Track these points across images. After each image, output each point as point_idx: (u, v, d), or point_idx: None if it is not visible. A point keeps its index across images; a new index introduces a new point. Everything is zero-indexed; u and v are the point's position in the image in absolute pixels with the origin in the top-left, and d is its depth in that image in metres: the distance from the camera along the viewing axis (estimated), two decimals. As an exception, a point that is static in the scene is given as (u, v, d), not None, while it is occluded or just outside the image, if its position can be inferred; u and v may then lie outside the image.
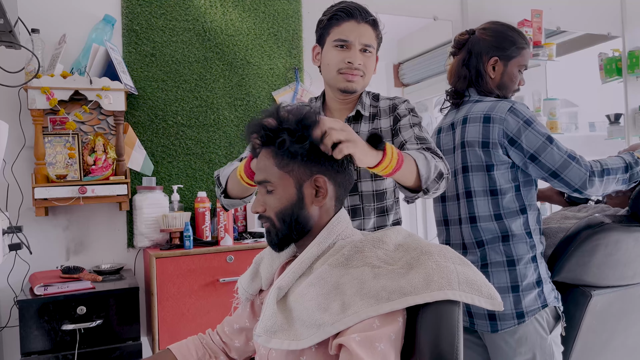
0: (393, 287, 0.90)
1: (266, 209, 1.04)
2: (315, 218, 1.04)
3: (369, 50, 1.38)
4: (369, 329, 0.86)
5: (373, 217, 1.44)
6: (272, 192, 1.03)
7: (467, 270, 0.93)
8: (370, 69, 1.41)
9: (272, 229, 1.04)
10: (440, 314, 0.90)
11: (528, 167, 1.50)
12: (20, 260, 2.19)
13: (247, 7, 2.64)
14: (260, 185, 1.05)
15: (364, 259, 0.96)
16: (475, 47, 1.64)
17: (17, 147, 2.22)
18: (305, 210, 1.02)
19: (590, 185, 1.47)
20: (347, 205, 1.44)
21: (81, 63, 2.23)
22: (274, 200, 1.02)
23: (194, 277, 2.16)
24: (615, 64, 3.45)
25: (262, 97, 2.67)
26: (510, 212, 1.53)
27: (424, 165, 1.16)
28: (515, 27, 1.68)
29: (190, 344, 1.22)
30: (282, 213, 1.02)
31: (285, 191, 1.02)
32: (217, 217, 2.31)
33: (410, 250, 0.98)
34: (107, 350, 1.94)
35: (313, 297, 0.93)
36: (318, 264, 1.00)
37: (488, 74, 1.63)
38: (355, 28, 1.37)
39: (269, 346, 0.95)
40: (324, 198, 1.03)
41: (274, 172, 1.02)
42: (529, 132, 1.48)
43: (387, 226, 1.44)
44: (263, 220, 1.06)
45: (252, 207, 1.06)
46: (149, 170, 2.41)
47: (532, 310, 1.49)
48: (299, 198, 1.02)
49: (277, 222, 1.03)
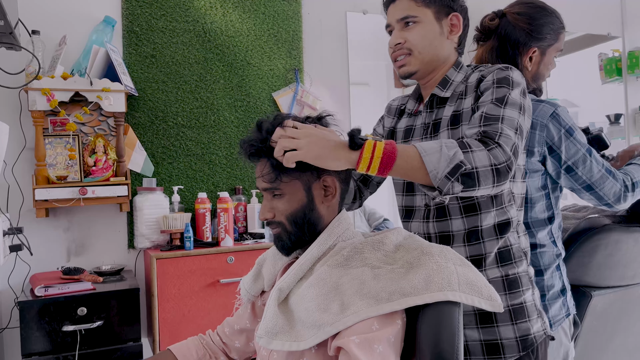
0: (393, 287, 0.90)
1: (275, 214, 1.03)
2: (324, 218, 1.04)
3: (411, 22, 1.19)
4: (367, 330, 0.86)
5: (460, 217, 1.21)
6: (280, 197, 1.02)
7: (468, 271, 0.93)
8: (420, 41, 1.19)
9: (283, 234, 1.03)
10: (441, 314, 0.90)
11: (560, 177, 1.38)
12: (21, 262, 2.19)
13: (247, 9, 2.65)
14: (266, 192, 1.04)
15: (364, 259, 0.96)
16: (511, 35, 1.43)
17: (17, 149, 2.22)
18: (316, 210, 1.02)
19: (623, 201, 1.38)
20: (418, 205, 1.27)
21: (81, 64, 2.23)
22: (283, 204, 1.01)
23: (195, 278, 2.16)
24: (615, 64, 3.45)
25: (262, 98, 2.67)
26: (539, 222, 1.41)
27: (433, 158, 0.96)
28: (548, 6, 1.48)
29: (190, 344, 1.23)
30: (293, 216, 1.01)
31: (295, 194, 1.01)
32: (218, 218, 2.31)
33: (411, 250, 0.98)
34: (107, 351, 1.94)
35: (313, 298, 0.93)
36: (318, 265, 1.00)
37: (525, 67, 1.45)
38: (392, 8, 1.23)
39: (271, 347, 0.95)
40: (333, 197, 1.03)
41: (279, 180, 1.01)
42: (570, 142, 1.34)
43: (481, 228, 1.20)
44: (273, 227, 1.04)
45: (261, 214, 1.05)
46: (149, 171, 2.41)
47: (558, 321, 1.42)
48: (309, 199, 1.01)
49: (289, 225, 1.02)
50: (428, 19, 1.19)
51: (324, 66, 2.80)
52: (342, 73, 2.84)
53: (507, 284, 1.19)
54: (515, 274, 1.20)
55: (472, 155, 0.97)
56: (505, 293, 1.18)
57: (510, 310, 1.18)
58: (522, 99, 1.11)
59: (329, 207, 1.04)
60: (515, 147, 1.02)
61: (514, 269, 1.20)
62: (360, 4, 2.85)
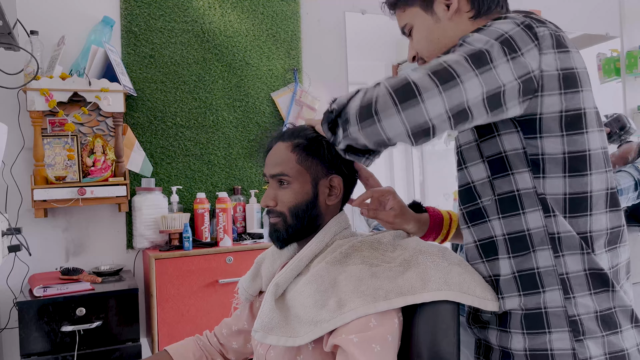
0: (390, 286, 0.90)
1: (277, 204, 1.03)
2: (324, 216, 1.05)
3: (409, 30, 1.08)
4: (365, 328, 0.86)
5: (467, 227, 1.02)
6: (287, 186, 1.02)
7: (465, 271, 0.93)
8: (421, 45, 1.06)
9: (281, 225, 1.03)
10: (438, 314, 0.90)
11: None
12: (20, 262, 2.19)
13: (245, 9, 2.65)
14: (273, 179, 1.04)
15: (362, 257, 0.96)
16: None
17: (16, 149, 2.22)
18: (318, 207, 1.03)
19: None
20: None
21: (80, 64, 2.23)
22: (289, 194, 1.02)
23: (194, 278, 2.16)
24: (613, 64, 3.45)
25: (260, 98, 2.67)
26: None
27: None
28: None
29: (187, 345, 1.23)
30: (296, 208, 1.02)
31: (302, 187, 1.02)
32: (217, 218, 2.31)
33: (409, 248, 0.98)
34: (106, 351, 1.94)
35: (310, 295, 0.93)
36: (315, 262, 1.00)
37: None
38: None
39: (266, 342, 0.95)
40: (336, 197, 1.04)
41: (292, 166, 1.01)
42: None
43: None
44: (272, 215, 1.04)
45: (263, 200, 1.04)
46: (148, 171, 2.41)
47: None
48: (314, 194, 1.02)
49: (290, 217, 1.02)
50: (418, 17, 1.05)
51: (323, 66, 2.80)
52: (340, 73, 2.84)
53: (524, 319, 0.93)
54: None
55: (354, 97, 0.84)
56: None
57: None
58: (489, 41, 0.84)
59: (330, 206, 1.05)
60: (403, 82, 0.78)
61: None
62: (359, 4, 2.85)
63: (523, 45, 0.85)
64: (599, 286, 0.89)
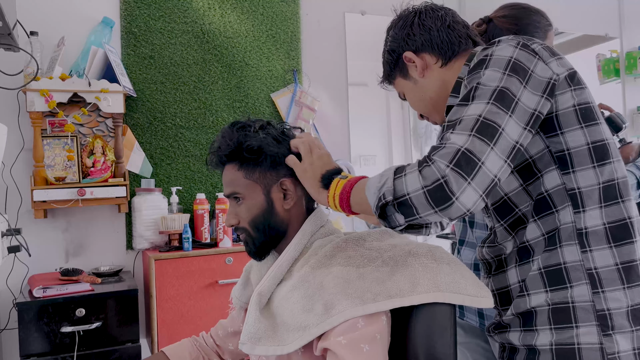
0: (379, 289, 0.89)
1: (240, 221, 1.04)
2: (288, 221, 1.04)
3: (403, 96, 1.18)
4: (353, 329, 0.85)
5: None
6: (242, 202, 1.03)
7: (455, 270, 0.91)
8: (415, 104, 1.15)
9: (248, 239, 1.04)
10: (434, 315, 0.89)
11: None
12: (19, 263, 2.19)
13: (245, 9, 2.65)
14: (230, 199, 1.05)
15: (348, 258, 0.95)
16: (497, 37, 1.46)
17: (15, 150, 2.22)
18: (277, 215, 1.03)
19: None
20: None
21: (80, 65, 2.23)
22: (244, 210, 1.03)
23: (193, 278, 2.16)
24: (613, 64, 3.46)
25: (260, 98, 2.67)
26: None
27: (370, 191, 0.87)
28: (532, 6, 1.48)
29: (184, 346, 1.23)
30: (254, 221, 1.02)
31: (254, 199, 1.02)
32: (216, 218, 2.31)
33: (398, 247, 0.97)
34: (106, 352, 1.94)
35: (297, 300, 0.92)
36: (297, 266, 0.99)
37: None
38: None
39: (254, 353, 0.94)
40: (292, 200, 1.03)
41: (241, 183, 1.02)
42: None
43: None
44: (239, 232, 1.06)
45: (226, 221, 1.06)
46: (147, 172, 2.41)
47: None
48: (268, 204, 1.02)
49: (252, 231, 1.03)
50: (403, 85, 1.14)
51: (323, 67, 2.81)
52: (340, 74, 2.85)
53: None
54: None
55: (404, 180, 0.83)
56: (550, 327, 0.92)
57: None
58: (503, 75, 0.87)
59: (290, 210, 1.04)
60: (459, 153, 0.80)
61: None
62: (359, 5, 2.85)
63: (530, 64, 0.89)
64: (634, 280, 0.90)
